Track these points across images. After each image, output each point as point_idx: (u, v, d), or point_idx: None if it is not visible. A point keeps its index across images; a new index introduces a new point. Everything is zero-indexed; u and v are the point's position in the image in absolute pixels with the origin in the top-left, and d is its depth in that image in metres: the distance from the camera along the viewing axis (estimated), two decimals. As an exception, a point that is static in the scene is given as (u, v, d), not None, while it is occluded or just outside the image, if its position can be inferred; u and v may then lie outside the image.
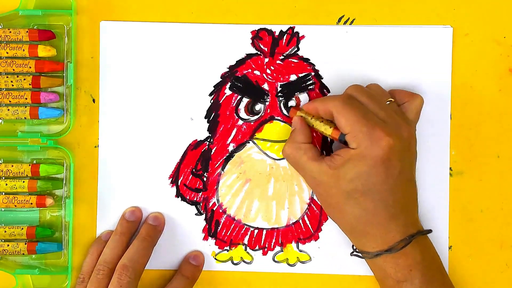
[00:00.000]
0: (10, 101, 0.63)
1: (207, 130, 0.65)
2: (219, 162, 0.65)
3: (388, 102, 0.59)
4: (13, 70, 0.63)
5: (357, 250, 0.60)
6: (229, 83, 0.65)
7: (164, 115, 0.65)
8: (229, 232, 0.65)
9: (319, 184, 0.59)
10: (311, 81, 0.64)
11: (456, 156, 0.64)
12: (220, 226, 0.65)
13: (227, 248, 0.65)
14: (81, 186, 0.65)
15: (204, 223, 0.65)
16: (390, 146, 0.56)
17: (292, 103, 0.64)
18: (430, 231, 0.60)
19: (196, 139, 0.65)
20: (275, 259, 0.65)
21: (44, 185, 0.64)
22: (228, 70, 0.65)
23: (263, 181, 0.65)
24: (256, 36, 0.65)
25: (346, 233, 0.60)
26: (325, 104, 0.59)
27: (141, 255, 0.61)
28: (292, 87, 0.64)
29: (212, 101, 0.65)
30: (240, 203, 0.65)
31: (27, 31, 0.63)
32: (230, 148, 0.65)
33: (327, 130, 0.59)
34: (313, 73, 0.65)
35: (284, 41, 0.65)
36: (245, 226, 0.65)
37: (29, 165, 0.64)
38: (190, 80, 0.65)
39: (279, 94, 0.64)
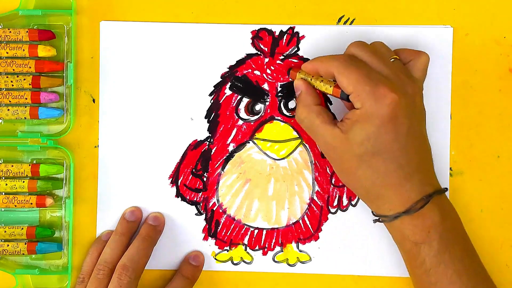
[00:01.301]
0: (10, 101, 0.63)
1: (207, 130, 0.65)
2: (219, 162, 0.65)
3: (392, 60, 0.58)
4: (13, 70, 0.63)
5: (375, 214, 0.59)
6: (229, 83, 0.65)
7: (164, 115, 0.65)
8: (229, 232, 0.65)
9: (332, 149, 0.58)
10: (311, 81, 0.64)
11: (456, 156, 0.64)
12: (220, 226, 0.65)
13: (227, 248, 0.65)
14: (81, 186, 0.65)
15: (204, 223, 0.65)
16: (395, 103, 0.55)
17: (292, 103, 0.64)
18: (446, 189, 0.58)
19: (196, 139, 0.65)
20: (275, 259, 0.65)
21: (44, 185, 0.64)
22: (228, 70, 0.65)
23: (263, 181, 0.65)
24: (256, 36, 0.65)
25: (361, 198, 0.60)
26: (326, 64, 0.58)
27: (141, 255, 0.61)
28: (292, 87, 0.64)
29: (212, 101, 0.65)
30: (240, 203, 0.65)
31: (27, 31, 0.63)
32: (230, 148, 0.65)
33: (328, 90, 0.59)
34: (313, 73, 0.65)
35: (284, 41, 0.65)
36: (245, 226, 0.65)
37: (29, 165, 0.64)
38: (190, 80, 0.65)
39: (279, 94, 0.65)
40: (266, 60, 0.65)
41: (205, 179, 0.65)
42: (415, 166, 0.56)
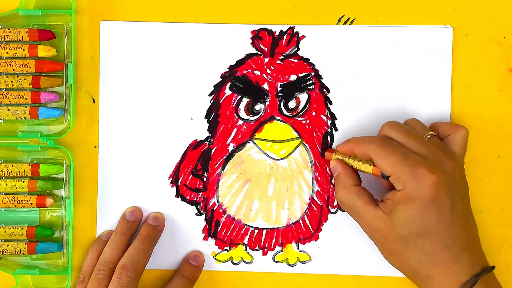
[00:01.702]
0: (10, 101, 0.63)
1: (207, 130, 0.65)
2: (219, 162, 0.65)
3: (429, 136, 0.59)
4: (13, 70, 0.63)
5: None
6: (229, 83, 0.65)
7: (164, 115, 0.65)
8: (229, 232, 0.65)
9: (376, 230, 0.57)
10: (311, 81, 0.65)
11: (456, 156, 0.64)
12: (220, 226, 0.65)
13: (227, 248, 0.65)
14: (81, 186, 0.65)
15: (204, 223, 0.65)
16: (436, 183, 0.55)
17: (292, 103, 0.64)
18: (493, 267, 0.57)
19: (196, 139, 0.65)
20: (275, 259, 0.65)
21: (44, 185, 0.64)
22: (228, 70, 0.65)
23: (263, 181, 0.65)
24: (256, 36, 0.65)
25: (410, 278, 0.59)
26: (362, 147, 0.58)
27: (141, 255, 0.61)
28: (292, 87, 0.64)
29: (212, 101, 0.65)
30: (240, 203, 0.65)
31: (27, 31, 0.63)
32: (230, 148, 0.65)
33: (367, 169, 0.59)
34: (313, 73, 0.65)
35: (284, 41, 0.65)
36: (245, 226, 0.65)
37: (29, 165, 0.64)
38: (190, 80, 0.65)
39: (279, 94, 0.65)
40: (266, 60, 0.65)
41: (205, 179, 0.65)
42: (462, 245, 0.56)
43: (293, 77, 0.65)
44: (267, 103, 0.65)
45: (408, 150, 0.57)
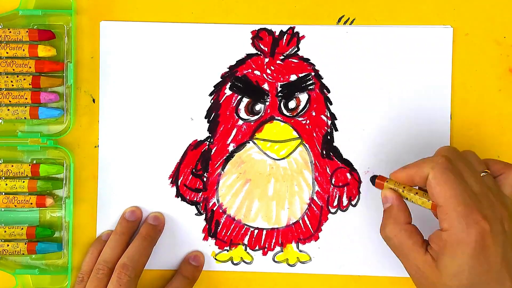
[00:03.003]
0: (10, 101, 0.63)
1: (207, 130, 0.65)
2: (219, 162, 0.65)
3: (484, 174, 0.54)
4: (13, 70, 0.63)
5: None
6: (229, 83, 0.65)
7: (164, 115, 0.65)
8: (229, 232, 0.65)
9: (423, 276, 0.52)
10: (311, 81, 0.65)
11: (456, 156, 0.64)
12: (220, 226, 0.65)
13: (227, 248, 0.65)
14: (81, 186, 0.65)
15: (204, 223, 0.65)
16: (486, 231, 0.50)
17: (292, 103, 0.65)
18: None
19: (196, 139, 0.65)
20: (275, 259, 0.65)
21: (44, 185, 0.64)
22: (228, 70, 0.65)
23: (263, 181, 0.65)
24: (256, 36, 0.65)
25: None
26: (421, 167, 0.53)
27: (141, 255, 0.61)
28: (292, 87, 0.64)
29: (212, 101, 0.65)
30: (240, 203, 0.65)
31: (27, 31, 0.63)
32: (230, 148, 0.65)
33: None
34: (313, 73, 0.65)
35: (284, 41, 0.65)
36: (245, 226, 0.65)
37: (29, 165, 0.64)
38: (190, 80, 0.65)
39: (279, 94, 0.65)
40: (266, 60, 0.65)
41: (205, 179, 0.65)
42: None
43: (293, 77, 0.65)
44: (267, 103, 0.65)
45: (467, 185, 0.51)
